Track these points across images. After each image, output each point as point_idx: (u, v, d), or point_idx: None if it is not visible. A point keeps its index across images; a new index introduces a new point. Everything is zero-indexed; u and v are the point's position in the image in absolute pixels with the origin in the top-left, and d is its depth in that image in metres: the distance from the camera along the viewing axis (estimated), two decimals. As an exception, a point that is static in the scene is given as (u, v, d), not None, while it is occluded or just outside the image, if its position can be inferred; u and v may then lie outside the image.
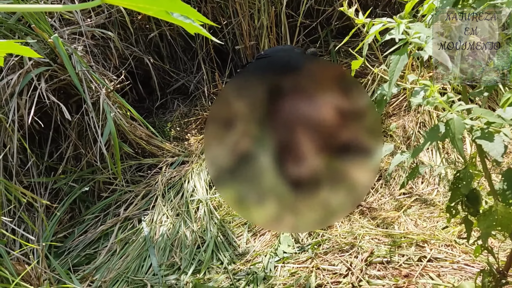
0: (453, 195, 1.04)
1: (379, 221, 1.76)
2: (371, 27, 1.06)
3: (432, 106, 0.77)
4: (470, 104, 0.84)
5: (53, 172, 1.91)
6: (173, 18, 0.64)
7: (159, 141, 2.23)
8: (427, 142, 0.80)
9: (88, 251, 1.76)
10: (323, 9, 3.12)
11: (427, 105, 0.77)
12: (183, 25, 0.66)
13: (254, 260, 1.64)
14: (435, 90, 0.76)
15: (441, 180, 1.94)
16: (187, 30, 0.68)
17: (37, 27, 1.56)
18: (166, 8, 0.60)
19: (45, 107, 1.80)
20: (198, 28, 0.67)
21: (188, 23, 0.64)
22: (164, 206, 1.91)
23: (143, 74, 2.91)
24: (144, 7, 0.58)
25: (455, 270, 1.43)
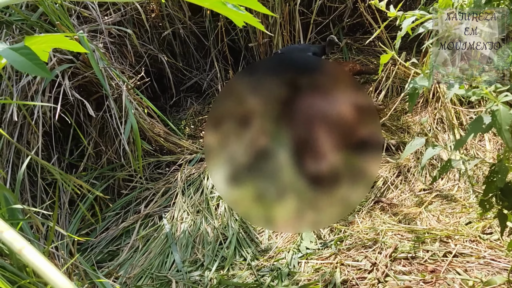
0: (487, 189, 1.04)
1: (401, 217, 1.76)
2: (403, 21, 1.06)
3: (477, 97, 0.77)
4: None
5: (75, 169, 1.92)
6: (228, 10, 0.64)
7: (177, 138, 2.24)
8: (471, 134, 0.80)
9: (110, 248, 1.77)
10: (335, 6, 3.12)
11: (473, 96, 0.77)
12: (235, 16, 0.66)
13: (277, 256, 1.64)
14: (482, 81, 0.76)
15: (461, 176, 1.93)
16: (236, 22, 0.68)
17: (61, 24, 1.57)
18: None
19: (66, 105, 1.81)
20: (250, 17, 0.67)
21: (241, 14, 0.65)
22: (184, 203, 1.92)
23: (157, 72, 2.92)
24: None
25: (481, 265, 1.43)
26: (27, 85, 1.58)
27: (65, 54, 1.68)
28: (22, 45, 0.62)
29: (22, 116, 1.62)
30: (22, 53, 0.62)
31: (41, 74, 0.60)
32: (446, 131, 2.17)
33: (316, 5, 2.91)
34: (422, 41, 2.62)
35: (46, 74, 0.61)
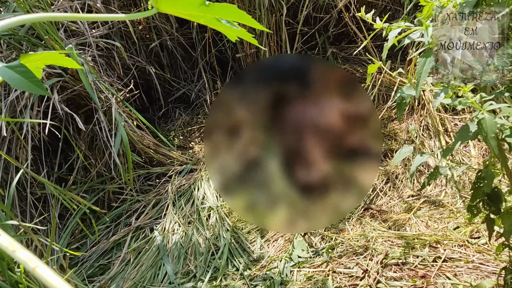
0: (474, 194, 1.06)
1: (390, 223, 1.78)
2: (389, 32, 1.09)
3: (463, 106, 0.79)
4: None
5: (64, 183, 1.91)
6: (223, 26, 0.66)
7: (167, 150, 2.24)
8: (458, 142, 0.83)
9: (101, 262, 1.75)
10: (320, 17, 3.17)
11: (459, 105, 0.79)
12: (229, 32, 0.68)
13: (269, 266, 1.65)
14: (467, 90, 0.78)
15: (448, 181, 1.97)
16: (230, 37, 0.70)
17: (50, 39, 1.57)
18: (221, 15, 0.61)
19: (54, 119, 1.80)
20: (244, 32, 0.69)
21: (235, 30, 0.66)
22: (175, 214, 1.91)
23: (145, 83, 2.92)
24: (197, 15, 0.60)
25: (470, 269, 1.45)
26: (16, 100, 1.57)
27: (54, 68, 1.67)
28: (18, 63, 0.63)
29: (10, 131, 1.61)
30: (18, 71, 0.62)
31: (38, 91, 0.61)
32: (432, 137, 2.21)
33: (302, 15, 2.95)
34: (406, 49, 2.68)
35: (43, 91, 0.61)
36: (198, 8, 0.57)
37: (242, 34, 0.66)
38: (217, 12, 0.59)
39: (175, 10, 0.58)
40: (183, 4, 0.57)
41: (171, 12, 0.59)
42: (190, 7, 0.57)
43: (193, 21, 0.61)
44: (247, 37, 0.66)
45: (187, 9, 0.58)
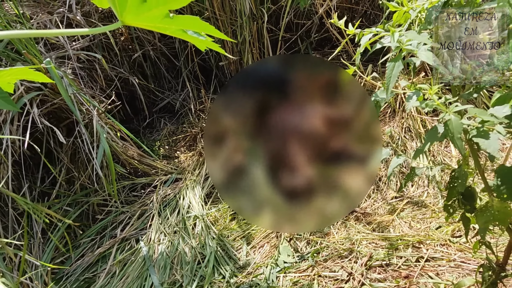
0: (449, 194, 1.09)
1: (375, 225, 1.80)
2: (361, 38, 1.11)
3: (429, 109, 0.81)
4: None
5: (47, 197, 1.89)
6: (189, 36, 0.67)
7: (151, 160, 2.24)
8: (427, 144, 0.85)
9: (87, 275, 1.74)
10: (302, 23, 3.20)
11: (426, 107, 0.81)
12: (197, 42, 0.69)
13: (255, 272, 1.65)
14: (433, 93, 0.80)
15: (430, 182, 2.00)
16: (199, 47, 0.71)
17: (28, 53, 1.56)
18: (185, 27, 0.63)
19: (35, 133, 1.79)
20: (212, 43, 0.70)
21: (202, 40, 0.68)
22: (161, 224, 1.91)
23: (129, 94, 2.92)
24: (163, 27, 0.61)
25: (452, 268, 1.48)
26: (-5, 115, 1.57)
27: (33, 82, 1.67)
28: (-14, 80, 0.63)
29: (-10, 146, 1.60)
30: (-15, 87, 0.63)
31: (8, 107, 0.61)
32: (414, 139, 2.24)
33: (284, 22, 2.99)
34: (387, 52, 2.72)
35: (13, 107, 0.62)
36: (162, 20, 0.58)
37: (209, 44, 0.67)
38: (181, 24, 0.60)
39: (140, 23, 0.59)
40: (147, 17, 0.58)
41: (136, 24, 0.60)
42: (155, 20, 0.58)
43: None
44: (213, 47, 0.67)
45: (151, 21, 0.59)
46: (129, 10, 0.56)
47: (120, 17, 0.56)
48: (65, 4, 2.17)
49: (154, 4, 0.56)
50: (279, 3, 3.02)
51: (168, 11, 0.58)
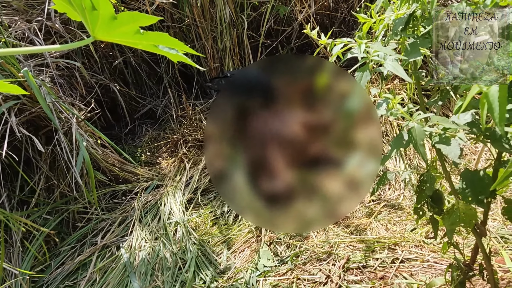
0: (419, 197, 1.13)
1: (353, 228, 1.84)
2: (333, 47, 1.15)
3: (395, 117, 0.85)
4: (427, 113, 0.93)
5: (26, 205, 1.88)
6: (160, 50, 0.70)
7: (132, 167, 2.24)
8: (393, 150, 0.89)
9: (67, 283, 1.73)
10: (282, 29, 3.25)
11: (391, 116, 0.85)
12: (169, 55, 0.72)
13: (236, 277, 1.68)
14: (396, 102, 0.84)
15: (406, 185, 2.05)
16: (172, 59, 0.74)
17: (6, 62, 1.56)
18: (155, 42, 0.65)
19: (14, 141, 1.78)
20: (184, 57, 0.73)
21: (174, 54, 0.71)
22: (142, 231, 1.92)
23: (110, 101, 2.92)
24: (134, 42, 0.63)
25: (425, 268, 1.52)
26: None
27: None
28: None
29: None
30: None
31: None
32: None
33: (264, 28, 3.03)
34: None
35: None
36: (133, 36, 0.61)
37: (180, 58, 0.70)
38: (151, 40, 0.63)
39: (112, 38, 0.62)
40: (119, 33, 0.60)
41: (108, 39, 0.62)
42: (126, 36, 0.61)
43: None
44: (185, 60, 0.70)
45: (123, 37, 0.61)
46: (100, 26, 0.58)
47: (92, 32, 0.58)
48: (43, 12, 2.17)
49: (124, 21, 0.59)
50: (259, 10, 3.06)
51: (139, 27, 0.61)
